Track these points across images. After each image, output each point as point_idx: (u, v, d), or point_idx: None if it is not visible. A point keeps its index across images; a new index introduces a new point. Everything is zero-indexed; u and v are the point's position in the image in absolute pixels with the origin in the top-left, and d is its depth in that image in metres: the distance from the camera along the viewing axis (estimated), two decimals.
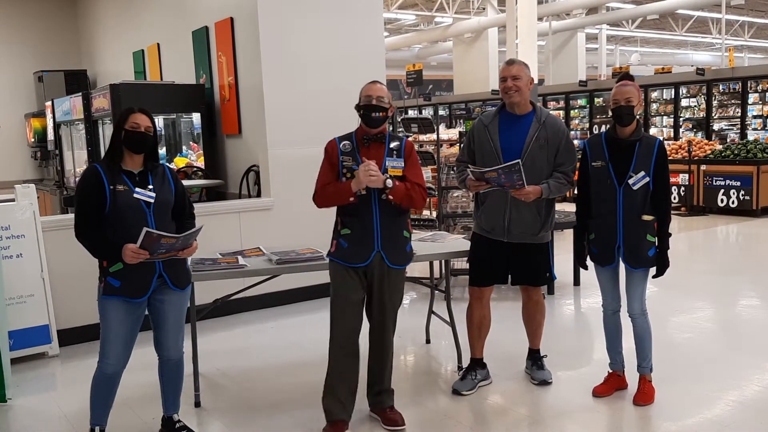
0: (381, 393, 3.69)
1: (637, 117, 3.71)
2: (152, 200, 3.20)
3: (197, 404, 4.00)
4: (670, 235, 3.76)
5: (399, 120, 7.57)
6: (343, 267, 3.51)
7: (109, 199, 3.12)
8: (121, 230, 3.11)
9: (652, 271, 3.80)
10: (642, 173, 3.66)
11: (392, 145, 3.53)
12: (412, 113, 15.83)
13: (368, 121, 3.47)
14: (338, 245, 3.54)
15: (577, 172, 3.96)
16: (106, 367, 3.24)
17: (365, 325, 3.60)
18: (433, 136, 7.70)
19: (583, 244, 3.95)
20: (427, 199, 3.59)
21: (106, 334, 3.23)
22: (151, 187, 3.22)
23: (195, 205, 3.59)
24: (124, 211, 3.13)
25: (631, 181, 3.67)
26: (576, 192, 4.03)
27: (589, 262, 3.96)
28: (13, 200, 4.90)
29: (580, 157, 3.90)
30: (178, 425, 3.54)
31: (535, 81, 4.07)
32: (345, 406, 3.54)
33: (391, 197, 3.40)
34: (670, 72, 15.02)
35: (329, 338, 3.56)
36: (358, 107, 3.50)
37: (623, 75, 3.82)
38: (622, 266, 3.82)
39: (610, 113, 3.77)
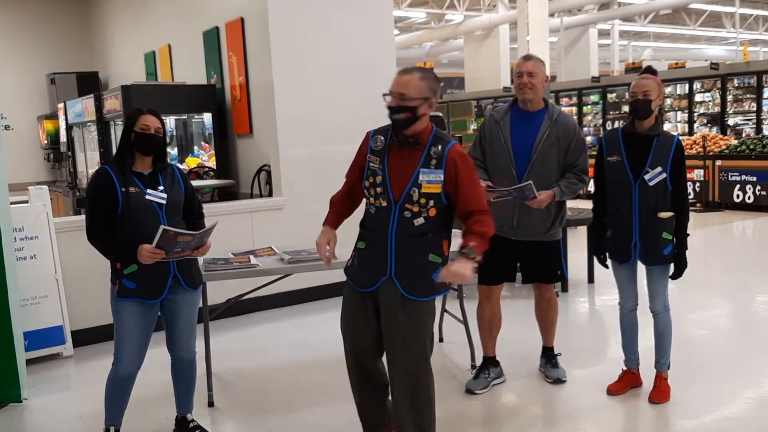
0: None
1: (656, 112, 3.61)
2: (164, 201, 3.21)
3: (210, 404, 4.01)
4: (688, 235, 3.67)
5: None
6: (352, 289, 3.05)
7: (122, 201, 3.12)
8: (134, 232, 3.11)
9: (671, 269, 3.73)
10: (659, 169, 3.58)
11: (432, 150, 2.87)
12: None
13: (393, 124, 2.89)
14: (353, 261, 3.07)
15: (591, 168, 3.91)
16: (121, 369, 3.25)
17: None
18: None
19: (601, 242, 3.88)
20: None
21: (120, 335, 3.23)
22: (162, 188, 3.23)
23: (207, 205, 3.60)
24: (137, 213, 3.14)
25: (647, 177, 3.59)
26: (592, 188, 3.98)
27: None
28: (26, 202, 4.92)
29: (591, 154, 3.86)
30: (191, 425, 3.55)
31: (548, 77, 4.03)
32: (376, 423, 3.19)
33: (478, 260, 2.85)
34: (684, 67, 14.90)
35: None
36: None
37: (645, 69, 3.73)
38: (640, 264, 3.76)
39: (629, 107, 3.70)
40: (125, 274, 3.16)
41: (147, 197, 3.17)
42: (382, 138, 2.95)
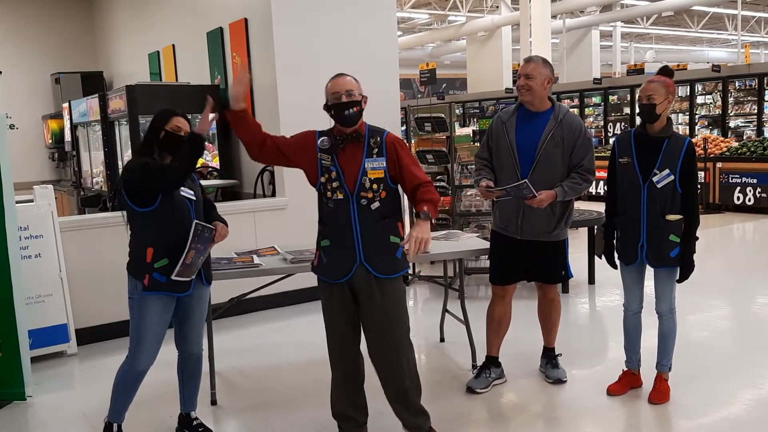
0: (405, 416, 3.36)
1: (665, 113, 3.60)
2: (194, 198, 3.33)
3: (213, 402, 4.04)
4: (697, 239, 3.67)
5: (413, 118, 7.57)
6: (328, 284, 3.28)
7: (161, 194, 3.19)
8: (169, 224, 3.20)
9: (678, 271, 3.72)
10: (667, 171, 3.59)
11: (372, 141, 3.17)
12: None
13: (342, 121, 3.13)
14: (319, 260, 3.31)
15: (602, 170, 3.91)
16: (138, 364, 3.27)
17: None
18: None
19: (612, 243, 3.89)
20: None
21: (143, 330, 3.24)
22: (186, 187, 3.32)
23: None
24: (174, 207, 3.22)
25: (655, 179, 3.60)
26: (593, 190, 4.01)
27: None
28: (31, 201, 4.96)
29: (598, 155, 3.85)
30: (195, 423, 3.58)
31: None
32: (357, 420, 3.40)
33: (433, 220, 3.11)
34: (686, 69, 14.89)
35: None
36: (327, 107, 3.17)
37: (660, 69, 3.73)
38: (649, 269, 3.77)
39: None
40: (156, 267, 3.19)
41: (182, 194, 3.26)
42: (327, 138, 3.21)
